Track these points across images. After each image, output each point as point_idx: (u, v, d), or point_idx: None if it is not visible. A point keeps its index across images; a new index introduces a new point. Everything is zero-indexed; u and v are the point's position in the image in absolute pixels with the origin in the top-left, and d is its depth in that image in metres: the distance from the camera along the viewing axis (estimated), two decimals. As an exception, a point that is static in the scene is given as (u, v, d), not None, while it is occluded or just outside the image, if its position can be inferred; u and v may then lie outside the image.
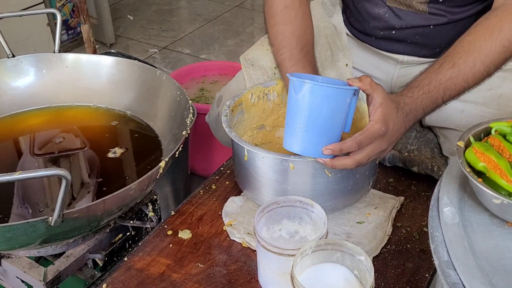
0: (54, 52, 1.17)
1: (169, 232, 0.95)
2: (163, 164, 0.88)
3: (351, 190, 0.90)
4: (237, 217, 0.96)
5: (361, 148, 0.78)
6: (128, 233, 1.01)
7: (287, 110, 0.82)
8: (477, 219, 0.63)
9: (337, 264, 0.71)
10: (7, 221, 0.89)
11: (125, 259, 0.89)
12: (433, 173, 1.02)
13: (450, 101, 0.88)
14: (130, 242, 1.02)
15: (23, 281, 0.93)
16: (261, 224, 0.81)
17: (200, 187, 1.05)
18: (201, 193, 1.03)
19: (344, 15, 1.16)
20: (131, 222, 0.99)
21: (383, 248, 0.90)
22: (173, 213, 0.99)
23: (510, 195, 0.60)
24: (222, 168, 1.10)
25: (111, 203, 0.83)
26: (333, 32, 1.14)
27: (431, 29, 1.00)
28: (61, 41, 1.20)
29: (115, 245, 0.99)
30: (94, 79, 1.18)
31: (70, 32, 2.54)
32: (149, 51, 2.63)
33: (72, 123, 1.15)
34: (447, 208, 0.63)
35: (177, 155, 0.92)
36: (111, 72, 1.17)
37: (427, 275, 0.85)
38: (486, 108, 0.98)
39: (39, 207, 0.93)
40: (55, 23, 1.18)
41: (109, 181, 0.99)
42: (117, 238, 1.00)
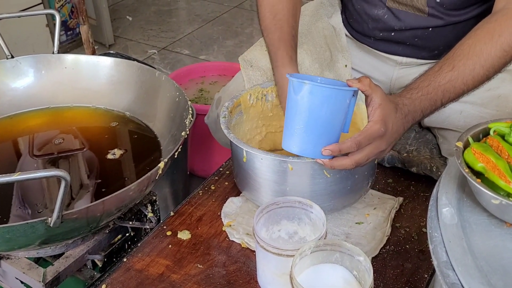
0: (53, 53, 1.17)
1: (168, 232, 0.95)
2: (162, 165, 0.88)
3: (350, 190, 0.90)
4: (236, 218, 0.96)
5: (360, 148, 0.78)
6: (127, 234, 1.01)
7: (286, 110, 0.82)
8: (475, 219, 0.63)
9: (336, 264, 0.71)
10: (6, 222, 0.88)
11: (124, 260, 0.90)
12: (432, 174, 1.02)
13: (449, 104, 0.88)
14: (129, 243, 1.02)
15: (22, 282, 0.93)
16: (260, 224, 0.81)
17: (199, 188, 1.05)
18: (200, 194, 1.03)
19: (343, 15, 1.16)
20: (130, 223, 0.99)
21: (382, 248, 0.90)
22: (172, 213, 0.99)
23: (508, 195, 0.60)
24: (221, 168, 1.10)
25: (110, 204, 0.83)
26: (332, 33, 1.15)
27: (430, 31, 1.01)
28: (60, 42, 1.20)
29: (114, 246, 0.99)
30: (93, 80, 1.17)
31: (69, 33, 2.54)
32: (148, 52, 2.63)
33: (71, 124, 1.15)
34: (446, 208, 0.64)
35: (176, 156, 0.92)
36: (110, 73, 1.17)
37: (426, 276, 0.85)
38: (484, 108, 0.98)
39: (38, 208, 0.93)
40: (54, 24, 1.18)
41: (108, 182, 0.99)
42: (116, 239, 1.00)
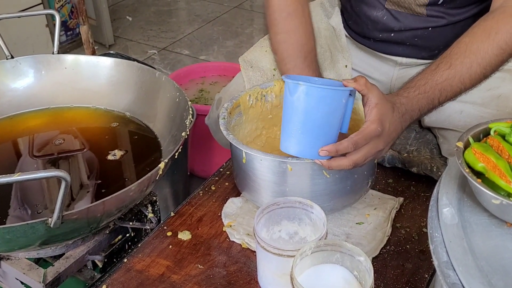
0: (53, 53, 1.17)
1: (169, 233, 0.95)
2: (162, 165, 0.88)
3: (349, 190, 0.90)
4: (236, 218, 0.96)
5: (357, 148, 0.78)
6: (127, 235, 1.01)
7: (283, 112, 0.82)
8: (476, 219, 0.63)
9: (337, 265, 0.71)
10: (5, 223, 0.88)
11: (125, 260, 0.89)
12: (432, 174, 1.02)
13: (446, 103, 0.88)
14: (129, 243, 1.02)
15: (22, 283, 0.93)
16: (260, 225, 0.81)
17: (199, 188, 1.05)
18: (201, 194, 1.03)
19: (342, 17, 1.16)
20: (131, 223, 0.99)
21: (382, 248, 0.90)
22: (172, 214, 0.99)
23: (509, 195, 0.60)
24: (221, 169, 1.10)
25: (111, 205, 0.83)
26: (332, 33, 1.15)
27: (430, 31, 1.01)
28: (60, 42, 1.20)
29: (114, 247, 0.99)
30: (93, 80, 1.17)
31: (69, 33, 2.54)
32: (148, 52, 2.64)
33: (71, 125, 1.15)
34: (446, 208, 0.64)
35: (176, 156, 0.92)
36: (110, 73, 1.17)
37: (427, 276, 0.85)
38: (485, 108, 0.98)
39: (38, 208, 0.93)
40: (54, 24, 1.18)
41: (108, 183, 0.99)
42: (117, 239, 1.00)
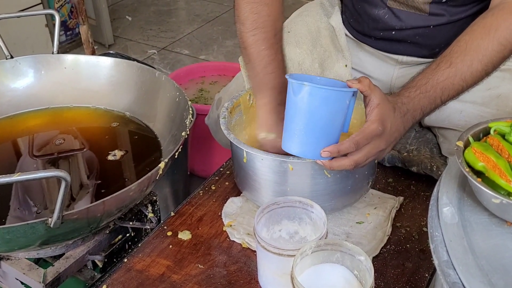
0: (52, 53, 1.17)
1: (169, 233, 0.95)
2: (162, 165, 0.88)
3: (350, 190, 0.90)
4: (237, 218, 0.96)
5: (358, 148, 0.78)
6: (127, 234, 1.01)
7: (285, 112, 0.82)
8: (476, 218, 0.63)
9: (337, 264, 0.71)
10: (4, 223, 0.88)
11: (125, 260, 0.89)
12: (432, 173, 1.02)
13: (449, 101, 0.88)
14: (129, 243, 1.02)
15: (22, 283, 0.93)
16: (261, 224, 0.81)
17: (199, 188, 1.05)
18: (201, 194, 1.03)
19: (343, 15, 1.16)
20: (131, 223, 0.99)
21: (382, 248, 0.90)
22: (172, 214, 0.99)
23: (509, 194, 0.60)
24: (221, 169, 1.10)
25: (111, 204, 0.83)
26: (332, 33, 1.14)
27: (431, 29, 1.00)
28: (59, 42, 1.20)
29: (114, 246, 0.99)
30: (93, 80, 1.17)
31: (68, 33, 2.54)
32: (148, 52, 2.63)
33: (71, 124, 1.15)
34: (446, 208, 0.64)
35: (176, 156, 0.92)
36: (110, 73, 1.17)
37: (427, 275, 0.85)
38: (485, 108, 0.98)
39: (37, 209, 0.93)
40: (54, 24, 1.18)
41: (108, 183, 0.99)
42: (117, 239, 1.00)
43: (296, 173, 0.86)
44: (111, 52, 1.85)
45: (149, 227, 1.00)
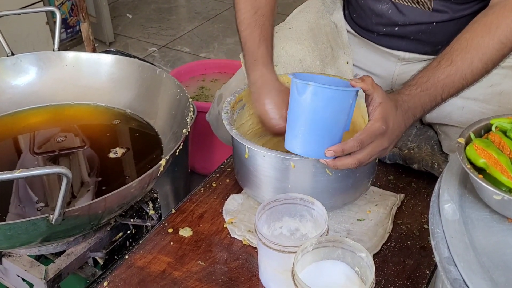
0: (53, 50, 1.17)
1: (170, 230, 0.95)
2: (163, 162, 0.88)
3: (351, 188, 0.90)
4: (237, 215, 0.96)
5: (362, 147, 0.78)
6: (128, 232, 1.01)
7: (288, 111, 0.82)
8: (477, 215, 0.63)
9: (338, 261, 0.72)
10: (5, 220, 0.88)
11: (126, 257, 0.90)
12: (433, 170, 1.02)
13: (449, 99, 0.88)
14: (130, 240, 1.02)
15: (24, 280, 0.93)
16: (262, 221, 0.81)
17: (200, 185, 1.05)
18: (202, 191, 1.03)
19: (346, 11, 1.16)
20: (132, 220, 0.99)
21: (383, 245, 0.90)
22: (173, 211, 0.99)
23: (510, 191, 0.60)
24: (222, 166, 1.10)
25: (112, 201, 0.83)
26: (334, 29, 1.14)
27: (434, 26, 1.00)
28: (60, 40, 1.20)
29: (115, 243, 0.99)
30: (94, 78, 1.18)
31: (69, 30, 2.54)
32: (148, 50, 2.63)
33: (72, 122, 1.15)
34: (447, 204, 0.64)
35: (177, 153, 0.92)
36: (111, 70, 1.17)
37: (428, 272, 0.85)
38: (486, 105, 0.98)
39: (38, 206, 0.93)
40: (54, 22, 1.18)
41: (109, 180, 0.99)
42: (118, 236, 1.00)
43: (297, 171, 0.86)
44: (112, 49, 1.84)
45: (150, 224, 1.00)
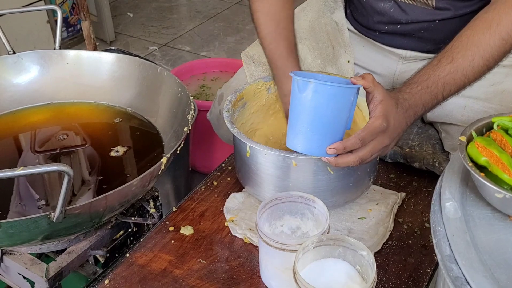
0: (54, 49, 1.17)
1: (171, 228, 0.95)
2: (164, 160, 0.88)
3: (352, 186, 0.90)
4: (238, 213, 0.96)
5: (364, 144, 0.78)
6: (129, 230, 1.01)
7: (290, 109, 0.82)
8: (479, 213, 0.63)
9: (339, 259, 0.72)
10: (6, 218, 0.88)
11: (127, 255, 0.90)
12: (434, 169, 1.02)
13: (451, 97, 0.88)
14: (131, 238, 1.02)
15: (25, 278, 0.93)
16: (263, 219, 0.81)
17: (201, 184, 1.05)
18: (203, 189, 1.03)
19: (347, 9, 1.16)
20: (133, 218, 0.99)
21: (384, 243, 0.90)
22: (174, 209, 0.99)
23: (512, 189, 0.60)
24: (223, 164, 1.10)
25: (113, 199, 0.83)
26: (335, 28, 1.14)
27: (437, 24, 1.00)
28: (61, 38, 1.20)
29: (116, 242, 0.99)
30: (95, 76, 1.17)
31: (70, 29, 2.54)
32: (149, 49, 2.63)
33: (73, 120, 1.15)
34: (449, 202, 0.64)
35: (178, 152, 0.92)
36: (112, 68, 1.17)
37: (429, 270, 0.85)
38: (488, 103, 0.98)
39: (39, 204, 0.93)
40: (55, 21, 1.18)
41: (110, 179, 0.99)
42: (119, 234, 1.00)
43: (299, 169, 0.86)
44: (113, 48, 1.84)
45: (150, 223, 1.00)
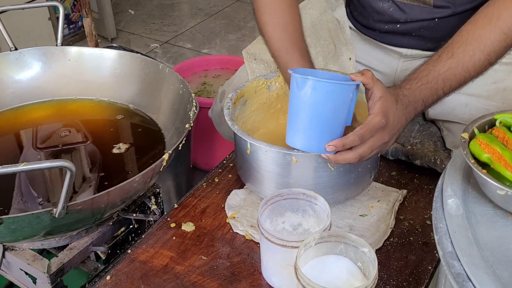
0: (56, 45, 1.18)
1: (172, 224, 0.95)
2: (166, 156, 0.88)
3: (353, 183, 0.90)
4: (240, 210, 0.96)
5: (363, 141, 0.78)
6: (131, 226, 1.01)
7: (289, 106, 0.82)
8: (481, 210, 0.63)
9: (341, 256, 0.72)
10: (8, 214, 0.89)
11: (129, 251, 0.90)
12: (436, 166, 1.02)
13: (452, 93, 0.87)
14: (133, 235, 1.03)
15: (27, 273, 0.93)
16: (264, 216, 0.81)
17: (203, 180, 1.05)
18: (204, 186, 1.03)
19: (348, 8, 1.16)
20: (134, 215, 0.99)
21: (386, 240, 0.90)
22: (176, 206, 0.99)
23: (514, 186, 0.60)
24: (225, 161, 1.10)
25: (115, 196, 0.83)
26: (336, 26, 1.14)
27: (436, 22, 1.00)
28: (63, 35, 1.20)
29: (118, 238, 0.99)
30: (96, 73, 1.17)
31: (71, 26, 2.54)
32: (151, 46, 2.63)
33: (75, 117, 1.15)
34: (451, 199, 0.64)
35: (180, 148, 0.92)
36: (113, 65, 1.17)
37: (430, 268, 0.85)
38: (490, 101, 0.98)
39: (41, 200, 0.93)
40: (57, 18, 1.18)
41: (112, 175, 0.99)
42: (120, 231, 1.00)
43: (299, 166, 0.86)
44: (114, 45, 1.84)
45: (152, 219, 1.00)
